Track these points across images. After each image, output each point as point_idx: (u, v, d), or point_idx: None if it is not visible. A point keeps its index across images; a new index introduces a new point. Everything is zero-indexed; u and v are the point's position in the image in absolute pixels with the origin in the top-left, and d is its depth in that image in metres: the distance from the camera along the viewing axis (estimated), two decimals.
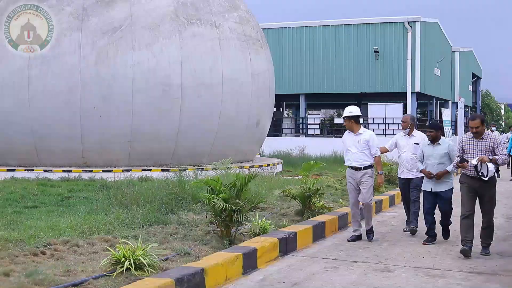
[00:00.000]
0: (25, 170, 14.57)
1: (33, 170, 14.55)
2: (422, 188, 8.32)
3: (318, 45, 29.69)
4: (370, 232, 8.46)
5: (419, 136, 9.14)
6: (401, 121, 9.41)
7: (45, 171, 14.49)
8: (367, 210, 8.46)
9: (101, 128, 14.67)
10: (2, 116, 14.74)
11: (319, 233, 8.42)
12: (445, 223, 8.32)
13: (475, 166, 7.14)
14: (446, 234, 8.38)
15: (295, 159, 22.68)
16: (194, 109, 15.40)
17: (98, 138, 14.77)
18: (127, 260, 5.51)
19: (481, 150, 7.28)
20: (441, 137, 8.18)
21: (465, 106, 39.44)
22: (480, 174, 7.14)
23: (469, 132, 7.44)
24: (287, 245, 7.44)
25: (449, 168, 7.97)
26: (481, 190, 7.32)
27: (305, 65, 29.92)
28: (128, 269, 5.48)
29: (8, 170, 14.54)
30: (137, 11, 15.07)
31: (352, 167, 8.39)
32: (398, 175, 9.36)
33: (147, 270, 5.54)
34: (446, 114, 31.28)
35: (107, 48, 14.61)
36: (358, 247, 7.94)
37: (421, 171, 8.22)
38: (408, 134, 9.19)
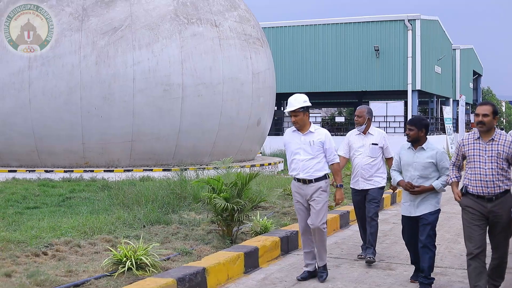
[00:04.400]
0: (26, 171, 14.58)
1: (34, 170, 14.57)
2: (402, 213, 6.04)
3: (319, 43, 29.69)
4: (323, 270, 6.23)
5: (378, 135, 7.17)
6: (355, 115, 7.24)
7: (46, 171, 14.50)
8: (319, 238, 6.19)
9: (102, 128, 14.67)
10: (2, 117, 14.75)
11: None
12: (423, 268, 5.74)
13: None
14: (424, 286, 5.73)
15: None
16: (194, 108, 15.40)
17: (99, 138, 14.77)
18: (129, 260, 5.53)
19: (491, 156, 5.14)
20: (427, 140, 5.92)
21: (466, 103, 39.45)
22: None
23: (472, 131, 5.39)
24: (289, 244, 7.45)
25: (436, 184, 5.78)
26: (492, 214, 5.17)
27: (305, 63, 29.93)
28: (129, 269, 5.49)
29: (9, 171, 14.56)
30: (137, 11, 15.07)
31: (299, 180, 6.20)
32: (351, 186, 7.32)
33: (149, 270, 5.54)
34: (447, 111, 31.34)
35: (107, 48, 14.61)
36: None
37: (398, 183, 6.02)
38: (364, 132, 7.17)
